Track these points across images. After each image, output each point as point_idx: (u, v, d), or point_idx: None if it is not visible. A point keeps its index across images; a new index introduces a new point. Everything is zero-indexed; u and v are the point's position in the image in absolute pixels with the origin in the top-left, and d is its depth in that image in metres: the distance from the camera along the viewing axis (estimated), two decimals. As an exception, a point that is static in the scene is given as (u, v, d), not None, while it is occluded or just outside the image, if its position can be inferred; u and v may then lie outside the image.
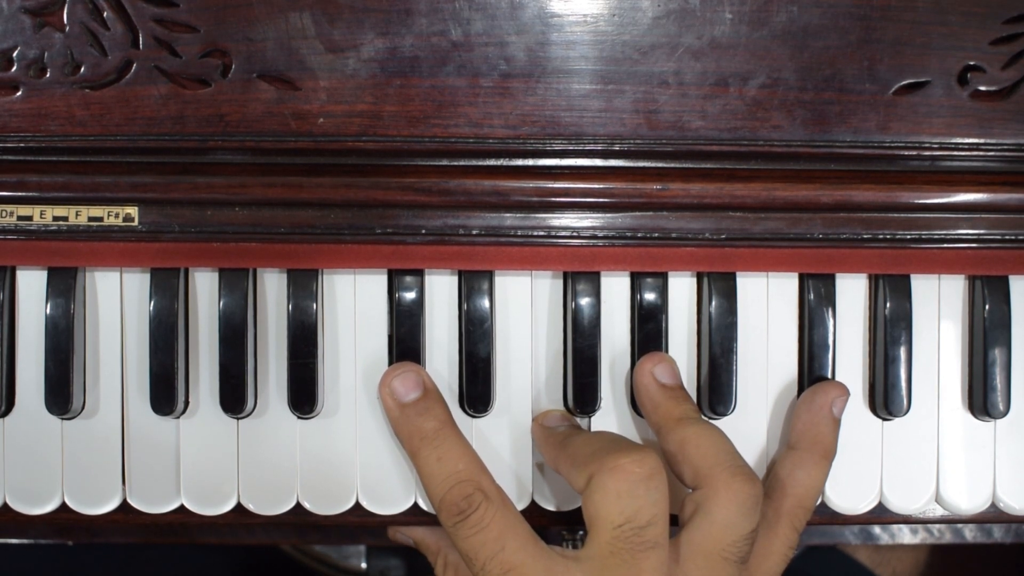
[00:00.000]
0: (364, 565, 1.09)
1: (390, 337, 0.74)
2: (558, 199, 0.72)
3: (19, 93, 0.70)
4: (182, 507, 0.74)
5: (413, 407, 0.71)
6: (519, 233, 0.72)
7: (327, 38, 0.70)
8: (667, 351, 0.74)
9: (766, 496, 0.71)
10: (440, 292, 0.74)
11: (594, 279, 0.73)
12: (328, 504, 0.74)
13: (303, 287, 0.73)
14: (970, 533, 0.97)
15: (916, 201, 0.73)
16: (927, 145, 0.71)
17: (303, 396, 0.73)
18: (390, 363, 0.74)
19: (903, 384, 0.74)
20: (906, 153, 0.72)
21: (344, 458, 0.74)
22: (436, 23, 0.70)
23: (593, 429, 0.75)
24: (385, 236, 0.72)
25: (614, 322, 0.75)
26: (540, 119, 0.71)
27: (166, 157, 0.71)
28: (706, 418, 0.72)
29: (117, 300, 0.74)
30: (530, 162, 0.72)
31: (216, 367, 0.73)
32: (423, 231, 0.72)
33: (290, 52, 0.70)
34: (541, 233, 0.72)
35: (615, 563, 0.64)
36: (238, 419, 0.74)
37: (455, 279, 0.74)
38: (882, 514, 0.77)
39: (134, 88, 0.70)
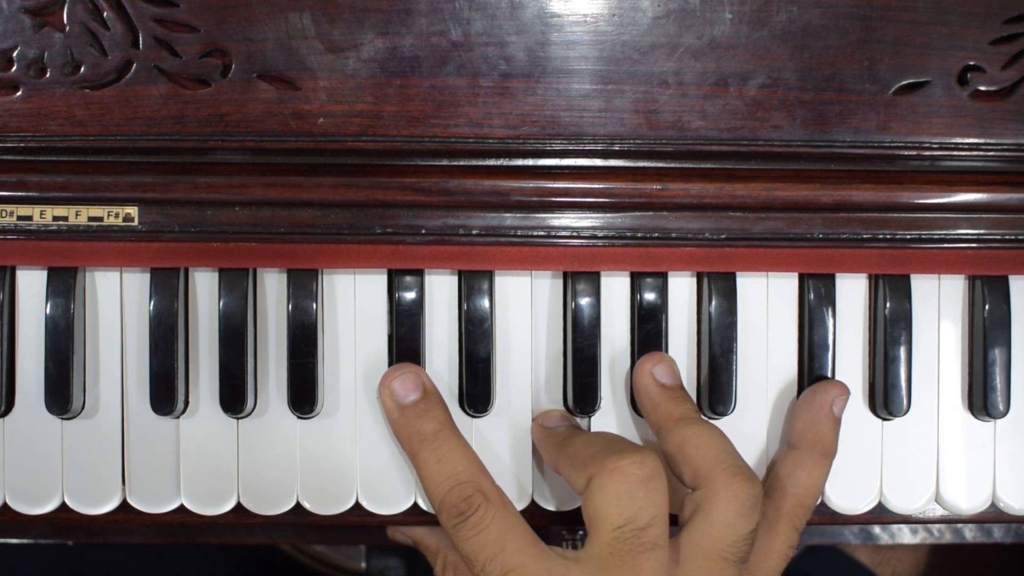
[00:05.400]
0: (364, 565, 1.09)
1: (390, 337, 0.74)
2: (558, 199, 0.72)
3: (19, 93, 0.70)
4: (182, 507, 0.74)
5: (412, 408, 0.71)
6: (519, 233, 0.72)
7: (327, 38, 0.70)
8: (667, 351, 0.74)
9: (766, 496, 0.71)
10: (440, 292, 0.74)
11: (594, 279, 0.73)
12: (328, 504, 0.74)
13: (303, 287, 0.73)
14: (970, 533, 0.97)
15: (916, 201, 0.73)
16: (927, 145, 0.71)
17: (303, 396, 0.73)
18: (390, 363, 0.74)
19: (903, 384, 0.74)
20: (906, 153, 0.72)
21: (344, 458, 0.74)
22: (436, 23, 0.70)
23: (593, 429, 0.75)
24: (385, 236, 0.72)
25: (614, 322, 0.75)
26: (540, 119, 0.71)
27: (166, 157, 0.71)
28: (706, 418, 0.72)
29: (117, 300, 0.74)
30: (530, 162, 0.72)
31: (216, 367, 0.73)
32: (423, 231, 0.72)
33: (290, 52, 0.70)
34: (541, 233, 0.72)
35: (615, 564, 0.64)
36: (238, 419, 0.74)
37: (455, 279, 0.74)
38: (882, 514, 0.77)
39: (134, 88, 0.70)
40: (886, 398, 0.74)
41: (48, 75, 0.70)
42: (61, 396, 0.72)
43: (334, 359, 0.74)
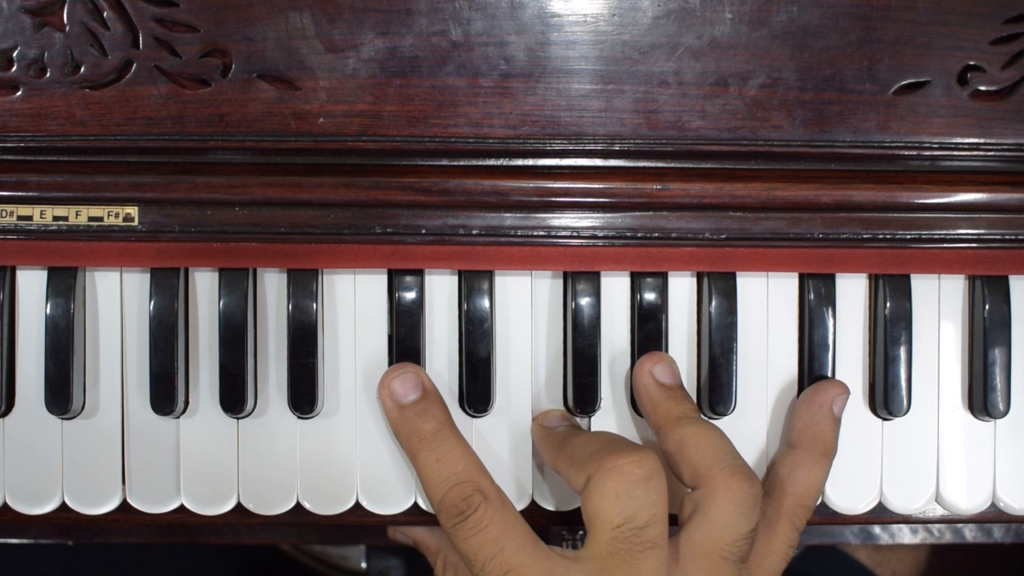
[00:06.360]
0: (364, 565, 1.09)
1: (390, 337, 0.74)
2: (558, 199, 0.72)
3: (19, 93, 0.70)
4: (182, 507, 0.74)
5: (412, 408, 0.71)
6: (519, 233, 0.72)
7: (327, 38, 0.70)
8: (667, 351, 0.74)
9: (767, 495, 0.71)
10: (440, 292, 0.74)
11: (594, 279, 0.73)
12: (328, 504, 0.74)
13: (303, 287, 0.73)
14: (970, 533, 0.97)
15: (916, 201, 0.73)
16: (927, 145, 0.71)
17: (303, 396, 0.73)
18: (390, 363, 0.74)
19: (903, 384, 0.74)
20: (906, 153, 0.72)
21: (344, 458, 0.74)
22: (436, 23, 0.70)
23: (593, 429, 0.75)
24: (385, 236, 0.72)
25: (614, 322, 0.75)
26: (540, 119, 0.71)
27: (166, 157, 0.71)
28: (706, 418, 0.72)
29: (117, 300, 0.74)
30: (530, 162, 0.72)
31: (216, 367, 0.73)
32: (423, 231, 0.72)
33: (290, 52, 0.70)
34: (541, 233, 0.72)
35: (614, 563, 0.64)
36: (238, 419, 0.74)
37: (455, 279, 0.74)
38: (882, 514, 0.77)
39: (134, 88, 0.70)
40: (886, 398, 0.74)
41: (48, 75, 0.70)
42: (61, 396, 0.72)
43: (334, 359, 0.74)
